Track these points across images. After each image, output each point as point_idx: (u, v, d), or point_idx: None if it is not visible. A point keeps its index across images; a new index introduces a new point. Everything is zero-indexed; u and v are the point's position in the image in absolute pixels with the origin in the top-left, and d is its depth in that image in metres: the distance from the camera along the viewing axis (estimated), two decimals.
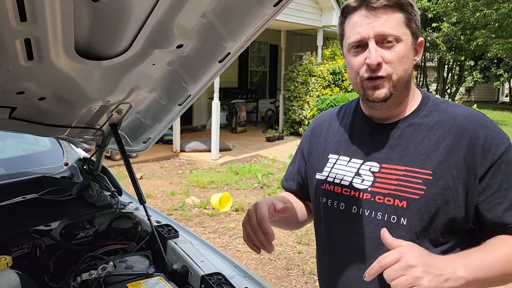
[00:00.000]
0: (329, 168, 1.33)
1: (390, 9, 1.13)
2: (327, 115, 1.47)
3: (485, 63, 22.73)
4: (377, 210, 1.20)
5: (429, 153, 1.16)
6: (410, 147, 1.19)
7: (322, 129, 1.43)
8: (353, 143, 1.31)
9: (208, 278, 1.46)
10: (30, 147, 2.40)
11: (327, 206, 1.32)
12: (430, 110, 1.23)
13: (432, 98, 1.27)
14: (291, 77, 11.61)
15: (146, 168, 8.05)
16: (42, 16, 0.93)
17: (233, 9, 1.13)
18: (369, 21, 1.14)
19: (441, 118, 1.20)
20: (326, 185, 1.32)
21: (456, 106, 1.23)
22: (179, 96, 1.52)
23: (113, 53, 1.19)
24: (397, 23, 1.14)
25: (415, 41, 1.19)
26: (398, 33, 1.14)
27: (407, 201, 1.16)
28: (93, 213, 1.82)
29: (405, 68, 1.16)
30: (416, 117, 1.23)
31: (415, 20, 1.17)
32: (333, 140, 1.37)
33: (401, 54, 1.14)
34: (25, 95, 1.31)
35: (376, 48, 1.14)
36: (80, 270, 1.49)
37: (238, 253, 4.62)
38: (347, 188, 1.27)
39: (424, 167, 1.16)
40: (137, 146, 1.92)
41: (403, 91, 1.20)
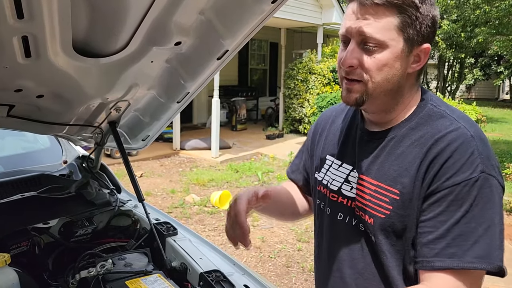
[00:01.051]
0: (325, 169, 1.29)
1: (383, 9, 0.99)
2: (333, 111, 1.39)
3: (485, 61, 22.71)
4: (358, 221, 1.16)
5: (401, 171, 1.06)
6: (386, 162, 1.10)
7: (325, 126, 1.36)
8: (347, 147, 1.24)
9: (206, 275, 1.47)
10: (29, 145, 2.40)
11: (320, 209, 1.29)
12: (419, 123, 1.10)
13: (429, 106, 1.12)
14: (291, 75, 11.60)
15: (146, 166, 8.06)
16: (39, 13, 0.93)
17: (231, 6, 1.13)
18: (356, 18, 1.02)
19: (424, 134, 1.07)
20: (321, 187, 1.29)
21: (448, 120, 1.07)
22: (178, 93, 1.52)
23: (111, 50, 1.19)
24: (386, 26, 1.00)
25: (409, 48, 1.03)
26: (383, 38, 1.00)
27: (373, 218, 1.10)
28: (92, 210, 1.82)
29: (386, 77, 1.04)
30: (403, 128, 1.11)
31: (415, 25, 1.01)
32: (332, 140, 1.31)
33: (382, 62, 1.02)
34: (23, 93, 1.31)
35: (355, 49, 1.03)
36: (79, 267, 1.49)
37: (238, 250, 4.63)
38: (335, 194, 1.22)
39: (393, 186, 1.07)
40: (136, 144, 1.92)
41: (388, 99, 1.09)
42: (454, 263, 0.96)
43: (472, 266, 0.96)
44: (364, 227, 1.15)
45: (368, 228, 1.13)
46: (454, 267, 0.97)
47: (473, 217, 0.97)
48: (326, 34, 13.63)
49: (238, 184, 7.05)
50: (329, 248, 1.26)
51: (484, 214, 0.97)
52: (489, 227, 0.97)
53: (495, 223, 0.98)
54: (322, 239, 1.31)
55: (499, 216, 0.99)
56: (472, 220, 0.97)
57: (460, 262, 0.96)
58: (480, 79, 23.60)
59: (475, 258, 0.95)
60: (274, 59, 14.90)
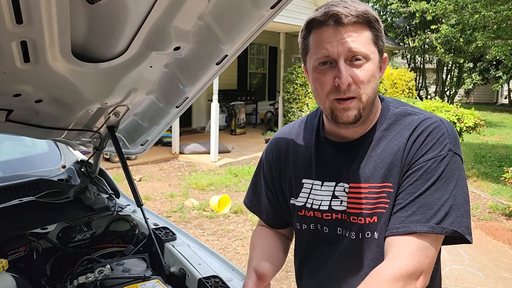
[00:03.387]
0: (305, 194, 1.28)
1: (360, 26, 1.08)
2: (287, 134, 1.37)
3: (484, 65, 22.72)
4: (352, 230, 1.18)
5: (387, 166, 1.14)
6: (370, 164, 1.16)
7: (287, 150, 1.34)
8: (322, 166, 1.25)
9: (205, 281, 1.46)
10: (27, 150, 2.40)
11: (310, 230, 1.28)
12: (389, 123, 1.19)
13: (392, 108, 1.22)
14: (290, 79, 11.61)
15: (145, 170, 8.04)
16: (38, 19, 0.93)
17: (230, 12, 1.13)
18: (338, 38, 1.07)
19: (398, 131, 1.17)
20: (305, 211, 1.27)
21: (413, 115, 1.18)
22: (177, 98, 1.52)
23: (110, 55, 1.19)
24: (366, 41, 1.09)
25: (381, 59, 1.15)
26: (368, 51, 1.09)
27: (377, 216, 1.14)
28: (90, 215, 1.81)
29: (373, 87, 1.12)
30: (376, 131, 1.19)
31: (381, 37, 1.13)
32: (303, 163, 1.29)
33: (370, 73, 1.10)
34: (22, 98, 1.30)
35: (346, 67, 1.08)
36: (77, 273, 1.49)
37: (237, 255, 4.61)
38: (328, 213, 1.23)
39: (385, 181, 1.14)
40: (134, 148, 1.92)
41: (370, 110, 1.16)
42: (417, 228, 1.05)
43: (433, 231, 1.05)
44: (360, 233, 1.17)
45: (370, 228, 1.15)
46: (417, 231, 1.05)
47: (438, 189, 1.07)
48: None
49: (237, 188, 7.04)
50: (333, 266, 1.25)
51: (448, 186, 1.08)
52: (452, 197, 1.07)
53: (459, 194, 1.08)
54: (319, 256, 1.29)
55: (463, 189, 1.10)
56: (436, 192, 1.07)
57: (423, 226, 1.05)
58: (479, 84, 23.63)
59: (436, 224, 1.05)
60: (273, 63, 14.92)
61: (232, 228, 5.36)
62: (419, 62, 21.79)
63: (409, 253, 1.05)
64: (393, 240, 1.08)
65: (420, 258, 1.04)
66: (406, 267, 1.02)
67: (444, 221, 1.05)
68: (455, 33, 15.52)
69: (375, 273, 1.05)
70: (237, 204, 6.10)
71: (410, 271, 1.02)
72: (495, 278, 4.10)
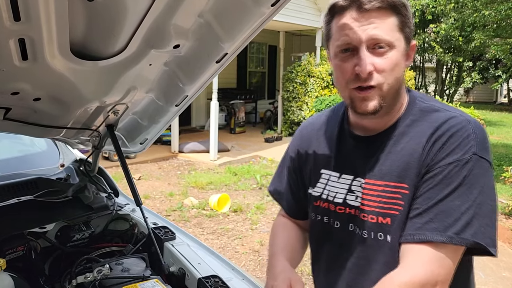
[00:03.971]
0: (323, 184, 1.26)
1: (384, 11, 1.03)
2: (314, 123, 1.36)
3: (483, 64, 22.74)
4: (364, 228, 1.15)
5: (403, 167, 1.08)
6: (387, 161, 1.11)
7: (311, 139, 1.33)
8: (342, 157, 1.23)
9: (205, 281, 1.45)
10: (26, 148, 2.38)
11: (324, 223, 1.26)
12: (414, 119, 1.13)
13: (418, 103, 1.16)
14: (289, 77, 11.60)
15: (144, 169, 8.03)
16: (36, 16, 0.91)
17: (231, 9, 1.12)
18: (360, 24, 1.03)
19: (421, 128, 1.10)
20: (320, 202, 1.26)
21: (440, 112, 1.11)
22: (176, 96, 1.51)
23: (109, 53, 1.18)
24: (391, 27, 1.04)
25: (407, 46, 1.09)
26: (392, 39, 1.04)
27: (390, 217, 1.09)
28: (89, 215, 1.80)
29: (396, 76, 1.07)
30: (399, 127, 1.13)
31: (408, 24, 1.07)
32: (323, 153, 1.28)
33: (394, 62, 1.05)
34: (20, 96, 1.29)
35: (368, 54, 1.03)
36: (76, 272, 1.48)
37: (237, 254, 4.60)
38: (341, 206, 1.20)
39: (401, 181, 1.08)
40: (134, 147, 1.91)
41: (393, 100, 1.11)
42: (434, 237, 0.99)
43: (450, 241, 0.98)
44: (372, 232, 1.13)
45: (383, 229, 1.11)
46: (433, 240, 0.99)
47: (459, 196, 1.00)
48: None
49: (237, 187, 7.03)
50: (341, 261, 1.23)
51: (471, 194, 1.00)
52: (475, 206, 0.99)
53: (484, 202, 1.00)
54: (327, 253, 1.28)
55: (490, 197, 1.02)
56: (457, 199, 1.00)
57: (440, 236, 0.99)
58: (478, 83, 23.62)
59: (455, 234, 0.98)
60: (273, 62, 14.90)
61: (231, 227, 5.35)
62: (419, 61, 21.77)
63: (423, 262, 1.00)
64: (408, 247, 1.04)
65: (435, 269, 0.99)
66: (419, 277, 0.98)
67: (465, 231, 0.98)
68: (454, 30, 15.49)
69: (387, 279, 1.02)
70: (236, 203, 6.09)
71: (422, 281, 0.98)
72: (494, 277, 4.10)
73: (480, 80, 23.28)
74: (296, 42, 14.28)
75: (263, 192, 6.80)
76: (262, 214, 5.86)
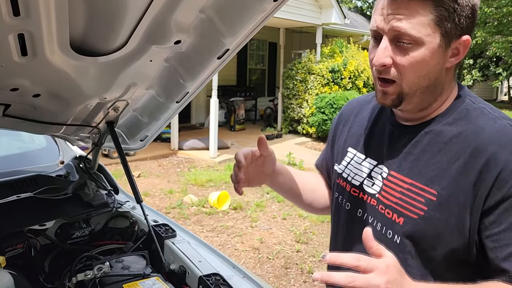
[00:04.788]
0: (346, 162, 1.25)
1: (417, 4, 0.93)
2: (359, 102, 1.34)
3: (484, 62, 22.73)
4: (378, 220, 1.11)
5: (439, 171, 1.01)
6: (421, 159, 1.05)
7: (349, 117, 1.31)
8: (372, 140, 1.19)
9: (206, 278, 1.44)
10: (25, 145, 2.37)
11: (338, 203, 1.26)
12: (457, 118, 1.04)
13: (467, 101, 1.06)
14: (290, 75, 11.58)
15: (144, 166, 8.02)
16: (36, 11, 0.90)
17: (232, 5, 1.10)
18: (388, 13, 0.96)
19: (464, 130, 1.02)
20: (340, 180, 1.26)
21: (489, 118, 1.02)
22: (177, 93, 1.50)
23: (109, 49, 1.16)
24: (421, 22, 0.94)
25: (447, 42, 0.98)
26: (419, 34, 0.95)
27: (404, 218, 1.04)
28: (89, 212, 1.79)
29: (421, 74, 0.99)
30: (439, 124, 1.06)
31: (453, 18, 0.95)
32: (356, 132, 1.26)
33: (417, 59, 0.97)
34: (19, 92, 1.28)
35: (387, 47, 0.98)
36: (76, 270, 1.47)
37: (236, 251, 4.60)
38: (356, 189, 1.18)
39: (430, 185, 1.01)
40: (134, 144, 1.90)
41: (425, 96, 1.04)
42: None
43: None
44: (385, 227, 1.09)
45: (393, 227, 1.07)
46: None
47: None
48: (325, 34, 13.63)
49: None
50: (345, 244, 1.23)
51: None
52: None
53: None
54: (338, 235, 1.28)
55: None
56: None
57: None
58: (479, 80, 23.64)
59: None
60: (273, 59, 14.89)
61: (231, 224, 5.35)
62: None
63: None
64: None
65: None
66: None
67: None
68: None
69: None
70: (236, 201, 6.09)
71: None
72: None
73: (481, 78, 23.29)
74: (297, 39, 14.27)
75: (263, 189, 6.80)
76: (262, 211, 5.86)
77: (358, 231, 1.15)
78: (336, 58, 11.79)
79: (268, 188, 6.84)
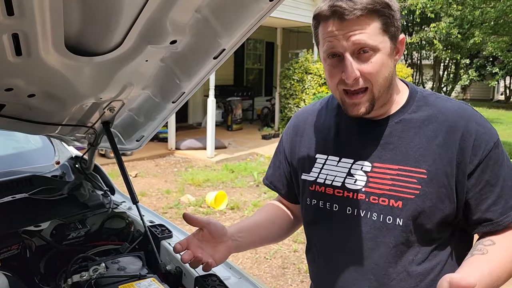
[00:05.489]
0: (318, 168, 1.29)
1: (366, 18, 1.05)
2: (308, 112, 1.40)
3: (480, 62, 22.76)
4: (372, 210, 1.17)
5: (422, 151, 1.14)
6: (402, 145, 1.16)
7: (304, 127, 1.37)
8: (342, 142, 1.26)
9: (202, 279, 1.44)
10: (21, 145, 2.36)
11: (320, 208, 1.27)
12: (419, 105, 1.19)
13: (419, 91, 1.23)
14: (287, 74, 11.58)
15: (141, 166, 8.01)
16: (30, 10, 0.89)
17: (229, 4, 1.10)
18: (343, 32, 1.06)
19: (431, 113, 1.17)
20: (316, 187, 1.28)
21: (445, 100, 1.21)
22: (173, 93, 1.49)
23: (104, 49, 1.15)
24: (373, 32, 1.06)
25: (394, 44, 1.12)
26: (375, 43, 1.06)
27: (402, 201, 1.13)
28: (85, 213, 1.78)
29: (384, 76, 1.11)
30: (405, 113, 1.19)
31: (393, 22, 1.09)
32: (319, 139, 1.31)
33: (379, 64, 1.08)
34: (14, 92, 1.27)
35: (352, 62, 1.07)
36: (71, 271, 1.46)
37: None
38: (340, 189, 1.23)
39: (418, 166, 1.13)
40: (130, 144, 1.89)
41: (385, 95, 1.16)
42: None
43: None
44: (382, 215, 1.16)
45: (393, 212, 1.14)
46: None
47: (511, 169, 1.13)
48: None
49: (234, 185, 7.02)
50: (338, 244, 1.25)
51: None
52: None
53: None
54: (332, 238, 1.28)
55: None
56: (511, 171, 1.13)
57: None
58: (475, 80, 23.63)
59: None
60: (270, 59, 14.89)
61: (228, 224, 5.35)
62: (416, 58, 21.79)
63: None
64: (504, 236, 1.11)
65: None
66: None
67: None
68: (452, 28, 15.48)
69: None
70: (233, 200, 6.08)
71: None
72: None
73: (477, 78, 23.31)
74: (294, 38, 14.27)
75: (260, 189, 6.80)
76: None
77: (352, 228, 1.21)
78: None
79: (265, 188, 6.84)
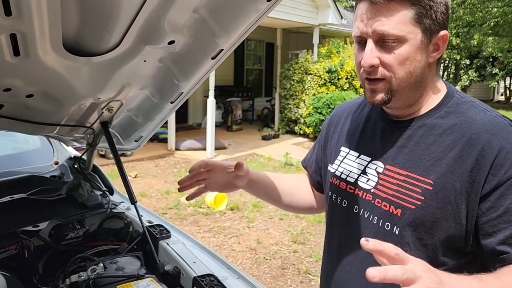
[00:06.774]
0: (339, 161, 1.28)
1: (396, 4, 0.99)
2: (349, 104, 1.39)
3: (480, 62, 22.79)
4: (375, 214, 1.14)
5: (434, 161, 1.05)
6: (416, 151, 1.09)
7: (341, 118, 1.36)
8: (365, 138, 1.23)
9: (200, 279, 1.44)
10: (19, 146, 2.36)
11: (332, 201, 1.28)
12: (449, 111, 1.10)
13: (456, 96, 1.13)
14: (287, 75, 11.58)
15: (140, 166, 8.01)
16: (28, 10, 0.89)
17: (226, 4, 1.10)
18: (369, 17, 1.02)
19: (457, 122, 1.07)
20: (334, 179, 1.28)
21: (479, 110, 1.08)
22: (171, 93, 1.49)
23: (103, 49, 1.16)
24: (402, 21, 1.00)
25: (428, 38, 1.04)
26: (401, 33, 1.00)
27: (401, 209, 1.08)
28: (83, 213, 1.78)
29: (409, 70, 1.04)
30: (431, 117, 1.11)
31: (430, 14, 1.01)
32: (347, 132, 1.30)
33: (403, 56, 1.02)
34: (12, 92, 1.27)
35: (373, 49, 1.03)
36: (70, 271, 1.46)
37: (233, 252, 4.59)
38: (352, 186, 1.21)
39: (426, 176, 1.05)
40: (128, 144, 1.89)
41: (412, 93, 1.09)
42: None
43: None
44: (382, 220, 1.12)
45: (391, 219, 1.10)
46: None
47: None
48: (322, 34, 13.63)
49: None
50: (341, 241, 1.25)
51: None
52: None
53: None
54: (334, 231, 1.29)
55: None
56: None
57: None
58: (475, 80, 23.69)
59: None
60: (270, 60, 14.89)
61: (228, 225, 5.34)
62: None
63: None
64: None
65: None
66: None
67: None
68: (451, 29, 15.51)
69: None
70: (233, 201, 6.08)
71: None
72: None
73: (477, 78, 23.35)
74: (294, 39, 14.27)
75: None
76: (259, 212, 5.86)
77: (354, 227, 1.20)
78: (333, 59, 11.79)
79: None
